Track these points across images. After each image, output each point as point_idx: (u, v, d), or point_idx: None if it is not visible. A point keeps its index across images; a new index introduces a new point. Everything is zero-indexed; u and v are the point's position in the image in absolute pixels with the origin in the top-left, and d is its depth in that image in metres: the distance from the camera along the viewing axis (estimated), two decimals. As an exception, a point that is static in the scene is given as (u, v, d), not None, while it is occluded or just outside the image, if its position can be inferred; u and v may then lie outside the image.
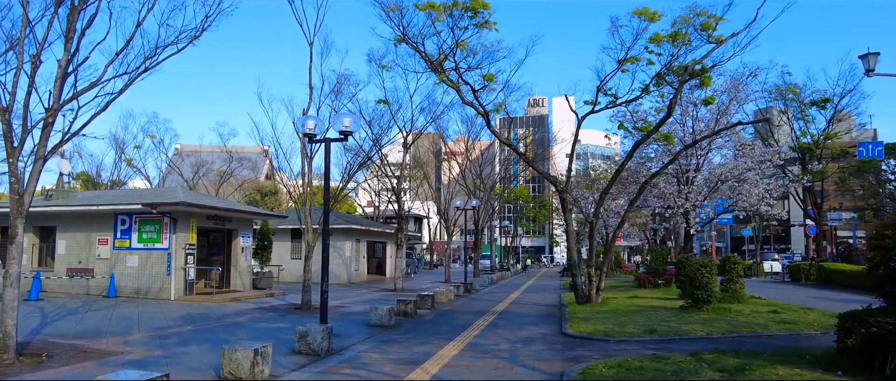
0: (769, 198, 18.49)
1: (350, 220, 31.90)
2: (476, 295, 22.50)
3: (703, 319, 12.39)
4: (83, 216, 19.38)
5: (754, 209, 19.33)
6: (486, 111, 16.75)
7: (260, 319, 13.66)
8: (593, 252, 16.19)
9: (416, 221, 67.36)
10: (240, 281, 21.17)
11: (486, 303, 18.86)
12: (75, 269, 19.46)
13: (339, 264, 29.08)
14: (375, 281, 31.09)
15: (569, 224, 16.64)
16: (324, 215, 11.76)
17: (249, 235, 21.86)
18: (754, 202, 18.59)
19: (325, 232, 11.49)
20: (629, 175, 21.29)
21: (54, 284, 19.63)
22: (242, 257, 21.40)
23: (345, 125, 11.39)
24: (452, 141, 39.99)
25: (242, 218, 21.08)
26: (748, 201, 18.62)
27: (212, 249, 22.12)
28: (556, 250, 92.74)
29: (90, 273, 19.11)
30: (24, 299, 16.91)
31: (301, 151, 16.47)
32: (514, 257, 63.41)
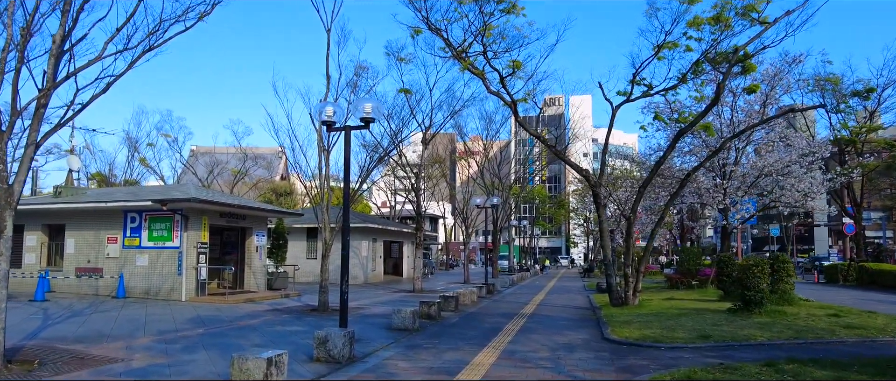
0: (815, 193, 17.24)
1: (367, 219, 31.04)
2: (499, 297, 21.48)
3: (759, 323, 11.27)
4: (92, 214, 18.68)
5: (798, 205, 18.10)
6: (514, 101, 15.76)
7: (275, 322, 12.77)
8: (631, 251, 15.10)
9: (432, 221, 66.42)
10: (254, 281, 20.35)
11: (512, 305, 17.84)
12: (84, 268, 18.76)
13: (355, 265, 28.21)
14: (392, 282, 30.19)
15: (602, 221, 15.56)
16: (343, 210, 10.85)
17: (264, 234, 21.05)
18: (799, 198, 17.38)
19: (345, 229, 10.59)
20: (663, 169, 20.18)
21: (63, 284, 18.96)
22: (257, 257, 20.58)
23: (366, 111, 10.47)
24: (468, 140, 38.98)
25: (257, 216, 20.27)
26: (792, 196, 17.37)
27: (225, 248, 21.35)
28: (573, 251, 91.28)
29: (99, 273, 18.40)
30: (30, 299, 16.21)
31: (318, 143, 15.59)
32: (532, 257, 62.22)
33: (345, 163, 10.68)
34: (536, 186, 64.07)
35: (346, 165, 10.66)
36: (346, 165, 10.67)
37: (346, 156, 10.62)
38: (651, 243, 15.43)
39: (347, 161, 10.66)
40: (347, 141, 10.69)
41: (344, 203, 10.76)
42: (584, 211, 62.88)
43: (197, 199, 16.55)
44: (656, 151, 22.18)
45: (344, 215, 10.65)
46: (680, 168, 19.91)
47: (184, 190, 19.22)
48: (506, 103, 16.07)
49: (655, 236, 15.24)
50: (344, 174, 10.69)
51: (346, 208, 10.75)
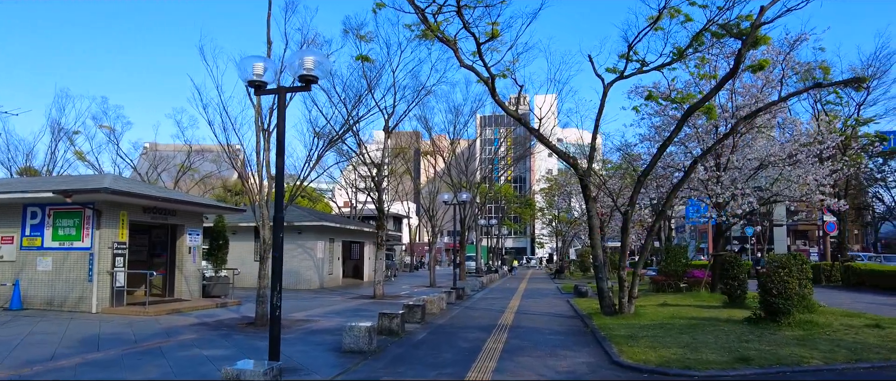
0: (824, 186, 15.50)
1: (322, 217, 28.28)
2: (471, 303, 19.15)
3: (795, 338, 9.22)
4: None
5: (802, 200, 16.35)
6: (492, 75, 13.44)
7: (194, 342, 10.10)
8: (626, 251, 12.97)
9: (396, 221, 63.87)
10: (186, 288, 17.47)
11: (487, 313, 15.53)
12: (-26, 274, 15.57)
13: (309, 267, 25.46)
14: (352, 286, 27.56)
15: (592, 216, 13.40)
16: (276, 196, 8.32)
17: (199, 232, 18.18)
18: (807, 192, 15.63)
19: (277, 220, 8.06)
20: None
21: (-53, 293, 15.72)
22: (190, 259, 17.71)
23: (307, 68, 7.98)
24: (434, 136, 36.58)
25: (189, 211, 17.40)
26: (796, 190, 15.55)
27: (154, 249, 18.41)
28: (540, 252, 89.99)
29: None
30: None
31: (256, 121, 12.93)
32: (499, 258, 60.26)
33: (278, 135, 8.15)
34: (503, 185, 62.03)
35: (279, 138, 8.13)
36: (280, 138, 8.14)
37: (280, 126, 8.10)
38: (650, 241, 13.34)
39: (281, 133, 8.14)
40: (282, 107, 8.18)
41: (277, 188, 8.22)
42: (552, 210, 61.35)
43: (109, 189, 13.65)
44: (643, 141, 20.23)
45: (277, 202, 8.12)
46: (670, 157, 17.92)
47: (96, 180, 16.25)
48: (481, 80, 13.74)
49: (654, 233, 13.17)
50: (277, 149, 8.16)
51: (278, 194, 8.22)
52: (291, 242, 25.72)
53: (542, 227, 69.45)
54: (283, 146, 8.22)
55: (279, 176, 8.21)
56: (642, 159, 20.71)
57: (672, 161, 18.09)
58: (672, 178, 19.59)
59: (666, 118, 19.22)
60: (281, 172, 8.20)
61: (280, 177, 8.20)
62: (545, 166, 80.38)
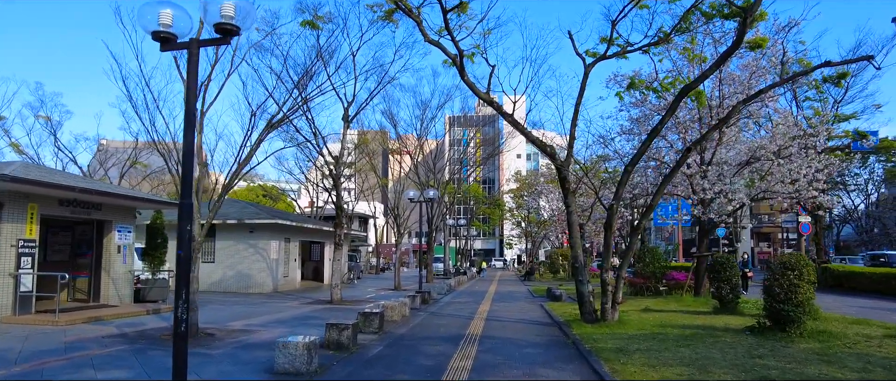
0: (819, 182, 14.39)
1: (276, 214, 26.26)
2: (436, 308, 17.53)
3: (816, 353, 7.88)
4: None
5: (793, 197, 15.23)
6: (461, 51, 11.86)
7: (94, 361, 8.21)
8: (610, 251, 11.53)
9: (362, 221, 61.78)
10: (115, 292, 15.39)
11: (454, 320, 13.94)
12: None
13: (261, 270, 23.46)
14: (311, 289, 25.63)
15: (571, 212, 11.94)
16: (183, 177, 6.57)
17: (130, 229, 16.10)
18: (801, 187, 14.50)
19: (183, 208, 6.35)
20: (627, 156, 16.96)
21: None
22: (119, 260, 15.62)
23: (225, 15, 6.26)
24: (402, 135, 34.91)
25: (117, 205, 15.31)
26: (786, 186, 14.39)
27: (79, 248, 16.22)
28: (508, 253, 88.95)
29: None
30: None
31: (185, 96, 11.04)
32: (468, 259, 58.81)
33: (187, 101, 6.42)
34: (472, 185, 60.66)
35: (188, 104, 6.40)
36: (190, 105, 6.41)
37: (190, 88, 6.36)
38: (635, 241, 11.94)
39: (191, 97, 6.41)
40: (193, 64, 6.44)
41: (183, 169, 6.45)
42: (521, 211, 60.23)
43: (9, 176, 11.56)
44: (622, 134, 18.94)
45: (182, 186, 6.36)
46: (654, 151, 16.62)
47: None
48: (449, 57, 12.15)
49: (640, 232, 11.78)
50: (185, 119, 6.40)
51: (184, 178, 6.46)
52: (242, 241, 23.69)
53: (512, 228, 68.35)
54: (192, 115, 6.48)
55: (187, 153, 6.45)
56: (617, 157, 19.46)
57: (654, 154, 16.83)
58: (647, 171, 18.37)
59: (646, 110, 18.01)
60: (190, 148, 6.44)
61: (188, 154, 6.44)
62: (514, 167, 79.45)
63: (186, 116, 6.61)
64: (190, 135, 6.62)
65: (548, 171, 48.31)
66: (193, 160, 6.69)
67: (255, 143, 11.65)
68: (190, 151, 6.58)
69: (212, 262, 24.12)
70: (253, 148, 11.71)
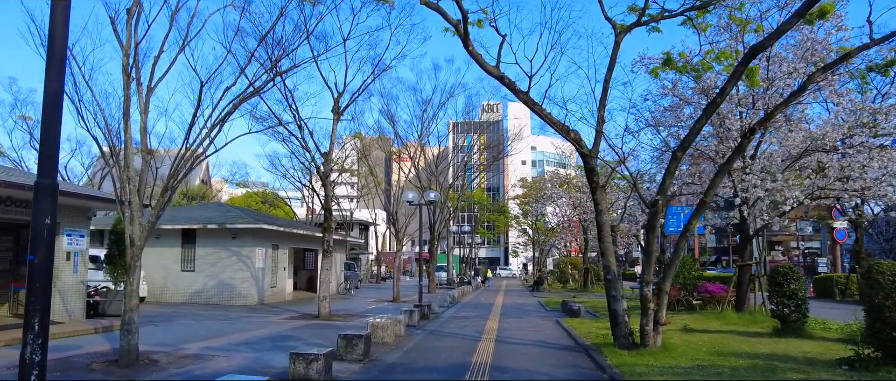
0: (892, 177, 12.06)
1: (261, 218, 24.03)
2: (438, 324, 15.27)
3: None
4: None
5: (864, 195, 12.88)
6: (465, 14, 9.67)
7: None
8: (652, 259, 9.25)
9: (363, 228, 59.51)
10: (62, 306, 13.18)
11: (458, 342, 11.67)
12: None
13: (245, 279, 21.23)
14: (302, 300, 23.38)
15: (601, 212, 9.70)
16: (41, 145, 4.39)
17: (83, 233, 13.92)
18: (869, 184, 12.20)
19: (40, 190, 4.17)
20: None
21: None
22: (68, 269, 13.42)
23: None
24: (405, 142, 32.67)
25: (64, 204, 13.08)
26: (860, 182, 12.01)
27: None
28: (514, 262, 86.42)
29: None
30: None
31: (123, 68, 8.85)
32: (473, 268, 56.43)
33: (51, 31, 4.25)
34: (476, 190, 58.30)
35: (52, 35, 4.23)
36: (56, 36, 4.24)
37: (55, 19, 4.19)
38: (683, 246, 9.65)
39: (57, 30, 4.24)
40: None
41: (42, 133, 4.27)
42: (527, 219, 57.85)
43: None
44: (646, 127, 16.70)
45: (40, 156, 4.19)
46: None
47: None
48: (451, 24, 9.99)
49: (689, 235, 9.47)
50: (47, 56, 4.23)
51: (45, 142, 4.27)
52: (224, 248, 21.50)
53: (518, 236, 65.93)
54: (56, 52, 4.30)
55: (49, 106, 4.26)
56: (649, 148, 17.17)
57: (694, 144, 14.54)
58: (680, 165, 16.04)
59: (675, 99, 15.76)
60: (53, 99, 4.25)
61: (50, 108, 4.25)
62: (520, 173, 77.17)
63: (49, 51, 4.43)
64: (54, 82, 4.43)
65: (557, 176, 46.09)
66: (59, 117, 4.47)
67: (215, 121, 9.41)
68: (54, 102, 4.39)
69: (192, 271, 21.95)
70: (211, 127, 9.48)
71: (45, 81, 4.41)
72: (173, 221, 22.30)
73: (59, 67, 4.43)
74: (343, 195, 50.68)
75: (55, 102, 4.38)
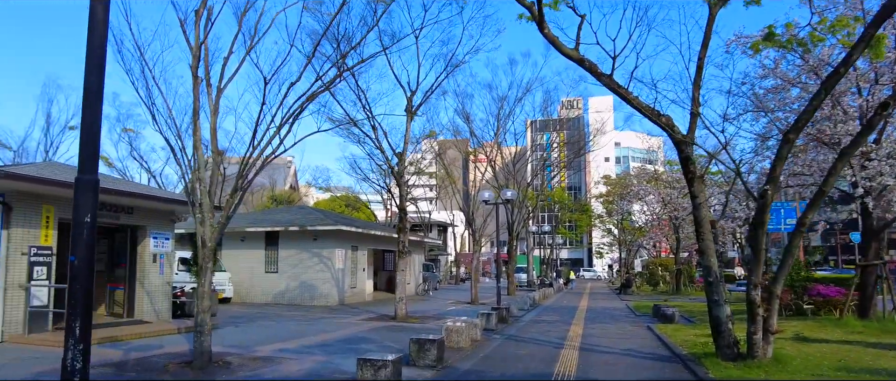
0: None
1: (340, 220, 24.23)
2: (517, 329, 14.52)
3: None
4: None
5: None
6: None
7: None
8: (761, 257, 8.07)
9: (441, 230, 59.47)
10: (149, 306, 13.64)
11: (539, 349, 10.90)
12: None
13: (326, 280, 21.42)
14: (381, 301, 23.31)
15: (700, 205, 8.61)
16: (84, 121, 4.13)
17: (169, 236, 14.37)
18: None
19: (80, 186, 3.91)
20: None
21: None
22: (155, 270, 13.88)
23: None
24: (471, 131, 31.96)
25: (149, 208, 13.57)
26: None
27: (116, 257, 14.70)
28: (598, 263, 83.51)
29: None
30: None
31: (193, 67, 8.85)
32: (554, 270, 54.87)
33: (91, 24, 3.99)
34: (556, 189, 56.56)
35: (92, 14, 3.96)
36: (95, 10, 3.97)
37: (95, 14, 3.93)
38: (798, 241, 8.35)
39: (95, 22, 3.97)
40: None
41: (83, 123, 4.02)
42: (611, 218, 55.50)
43: (15, 174, 9.90)
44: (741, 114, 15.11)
45: (82, 152, 3.94)
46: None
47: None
48: (524, 6, 9.27)
49: (804, 229, 8.13)
50: (87, 45, 3.97)
51: (86, 138, 4.01)
52: (306, 250, 21.82)
53: (602, 236, 63.46)
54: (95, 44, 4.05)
55: (90, 96, 4.00)
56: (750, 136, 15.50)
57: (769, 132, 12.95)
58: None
59: (777, 81, 14.14)
60: (94, 89, 4.00)
61: (92, 97, 3.99)
62: (603, 170, 74.35)
63: (88, 45, 4.18)
64: (93, 74, 4.17)
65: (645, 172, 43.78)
66: (98, 124, 4.20)
67: (282, 120, 9.24)
68: (95, 94, 4.13)
69: (275, 272, 22.45)
70: (279, 126, 9.32)
71: (84, 76, 4.17)
72: (257, 223, 22.95)
73: (99, 61, 4.17)
74: (421, 197, 50.86)
75: (95, 97, 4.13)
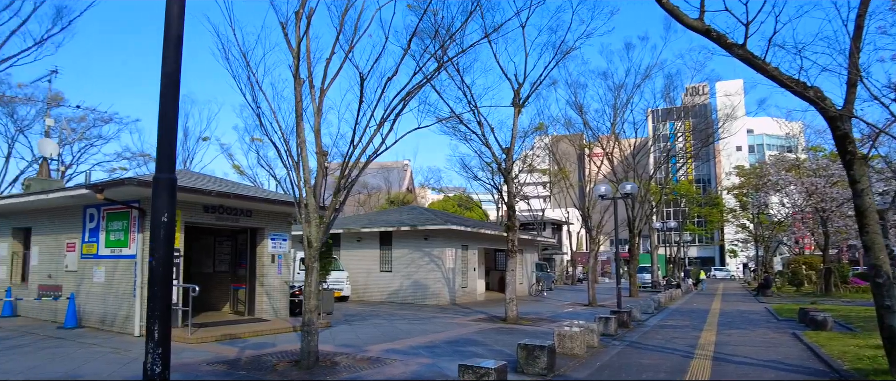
0: None
1: (450, 219, 24.04)
2: (639, 334, 13.32)
3: None
4: (54, 212, 13.77)
5: None
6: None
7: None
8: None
9: (556, 228, 57.86)
10: (268, 305, 14.22)
11: (664, 359, 9.78)
12: (46, 286, 13.86)
13: (437, 280, 21.33)
14: (493, 302, 22.83)
15: (863, 191, 7.13)
16: (159, 139, 3.95)
17: (286, 237, 14.90)
18: None
19: (159, 184, 3.80)
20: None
21: (26, 306, 14.27)
22: (273, 270, 14.45)
23: None
24: (584, 121, 30.23)
25: (267, 211, 14.13)
26: None
27: (239, 258, 15.52)
28: (731, 262, 76.84)
29: (59, 291, 13.35)
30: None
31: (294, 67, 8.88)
32: (682, 269, 51.14)
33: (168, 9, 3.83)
34: (682, 182, 52.48)
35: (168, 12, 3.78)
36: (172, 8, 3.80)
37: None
38: None
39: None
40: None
41: (160, 123, 3.88)
42: (746, 212, 50.56)
43: (138, 180, 10.65)
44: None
45: (158, 151, 4.90)
46: None
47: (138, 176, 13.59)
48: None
49: None
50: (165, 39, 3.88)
51: (162, 136, 3.86)
52: (417, 249, 21.90)
53: (736, 232, 58.20)
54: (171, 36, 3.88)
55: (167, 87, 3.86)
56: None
57: None
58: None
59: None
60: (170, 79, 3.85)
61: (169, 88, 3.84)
62: (734, 160, 68.03)
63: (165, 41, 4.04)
64: (170, 61, 4.02)
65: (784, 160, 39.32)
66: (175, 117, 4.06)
67: (383, 117, 9.05)
68: (171, 82, 3.98)
69: (389, 271, 22.79)
70: (379, 123, 9.14)
71: (162, 62, 4.04)
72: (372, 224, 23.45)
73: (175, 57, 4.03)
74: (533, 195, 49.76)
75: (171, 79, 3.99)
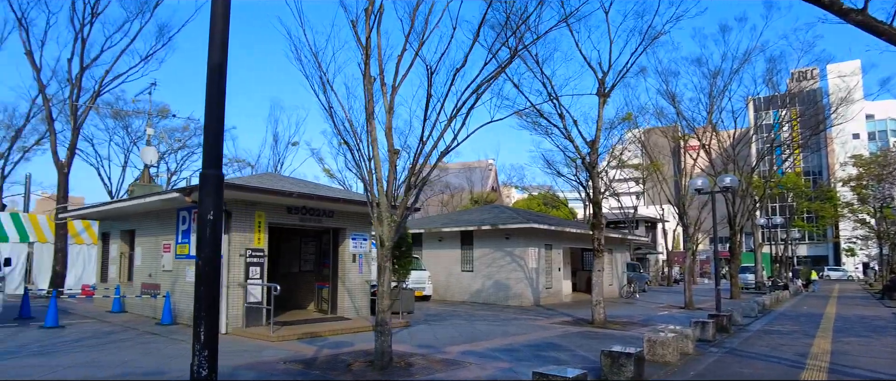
0: None
1: (531, 217, 23.29)
2: (740, 341, 12.12)
3: None
4: (151, 215, 14.66)
5: None
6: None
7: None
8: None
9: (650, 226, 55.16)
10: (350, 303, 14.33)
11: (769, 370, 8.76)
12: (147, 285, 14.78)
13: (519, 280, 20.75)
14: (580, 303, 21.90)
15: None
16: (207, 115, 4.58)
17: (366, 237, 14.96)
18: None
19: (205, 180, 3.71)
20: None
21: (131, 303, 15.30)
22: (354, 269, 14.55)
23: None
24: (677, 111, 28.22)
25: (348, 211, 14.23)
26: None
27: (323, 258, 15.78)
28: (848, 262, 69.85)
29: (157, 290, 14.18)
30: (41, 325, 12.33)
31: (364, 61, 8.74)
32: (790, 269, 47.04)
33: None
34: (788, 175, 47.95)
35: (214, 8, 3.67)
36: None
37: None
38: None
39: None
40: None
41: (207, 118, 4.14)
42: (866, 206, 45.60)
43: (232, 184, 10.98)
44: None
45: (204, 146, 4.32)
46: None
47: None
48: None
49: None
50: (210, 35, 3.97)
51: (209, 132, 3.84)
52: (498, 249, 21.44)
53: (853, 228, 52.85)
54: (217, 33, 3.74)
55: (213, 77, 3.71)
56: None
57: None
58: None
59: None
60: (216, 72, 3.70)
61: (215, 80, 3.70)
62: (851, 149, 61.51)
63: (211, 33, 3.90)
64: (216, 55, 3.87)
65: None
66: (223, 107, 3.91)
67: (454, 111, 8.70)
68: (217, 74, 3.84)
69: (470, 271, 22.50)
70: (450, 117, 8.80)
71: (208, 56, 3.91)
72: (453, 224, 23.26)
73: (220, 55, 3.89)
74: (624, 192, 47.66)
75: (217, 72, 3.85)
